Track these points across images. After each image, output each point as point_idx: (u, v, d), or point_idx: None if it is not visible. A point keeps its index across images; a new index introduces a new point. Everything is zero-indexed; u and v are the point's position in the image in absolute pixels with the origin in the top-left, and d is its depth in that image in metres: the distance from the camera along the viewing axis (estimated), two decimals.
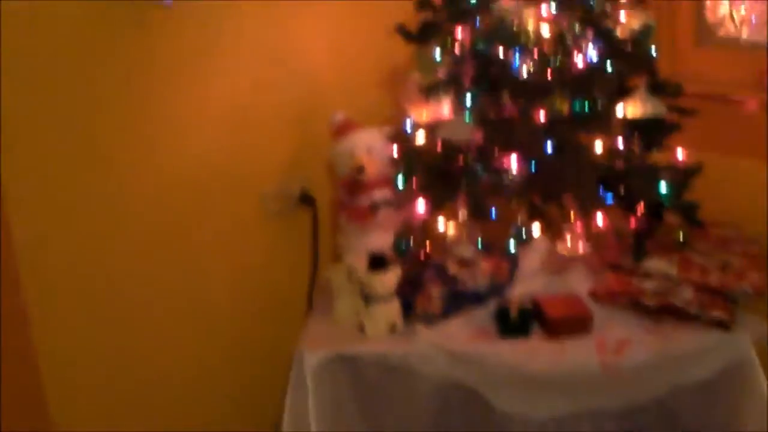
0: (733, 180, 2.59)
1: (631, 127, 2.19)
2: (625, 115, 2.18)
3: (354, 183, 2.49)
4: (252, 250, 2.66)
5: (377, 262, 2.27)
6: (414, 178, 2.28)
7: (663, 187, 2.17)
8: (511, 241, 2.22)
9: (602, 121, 2.18)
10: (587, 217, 2.25)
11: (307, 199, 2.68)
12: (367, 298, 2.28)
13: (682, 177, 2.21)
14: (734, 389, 2.27)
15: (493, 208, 2.23)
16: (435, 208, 2.25)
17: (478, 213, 2.20)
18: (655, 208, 2.22)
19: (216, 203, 2.54)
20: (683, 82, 2.30)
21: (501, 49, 2.19)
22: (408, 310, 2.31)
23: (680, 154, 2.26)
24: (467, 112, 2.21)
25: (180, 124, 2.43)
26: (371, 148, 2.47)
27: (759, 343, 2.25)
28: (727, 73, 2.57)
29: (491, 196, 2.20)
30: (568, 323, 2.25)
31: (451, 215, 2.27)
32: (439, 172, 2.24)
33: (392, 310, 2.28)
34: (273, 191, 2.64)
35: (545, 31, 2.17)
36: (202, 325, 2.59)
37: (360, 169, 2.46)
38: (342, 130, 2.53)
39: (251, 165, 2.59)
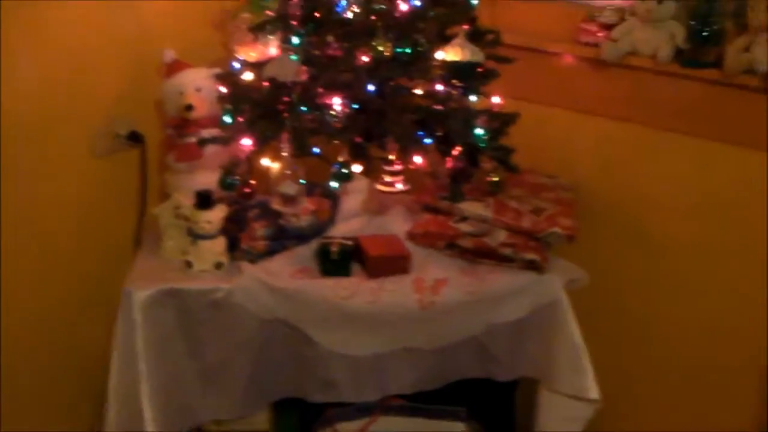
0: (549, 129, 2.71)
1: (450, 71, 2.26)
2: (444, 59, 2.25)
3: (182, 121, 2.50)
4: (81, 189, 2.63)
5: (204, 200, 2.28)
6: (241, 116, 2.30)
7: (479, 131, 2.25)
8: (333, 181, 2.26)
9: (423, 65, 2.24)
10: (406, 158, 2.32)
11: (136, 138, 2.66)
12: (194, 235, 2.29)
13: (499, 122, 2.30)
14: (546, 328, 2.37)
15: (316, 147, 2.27)
16: (260, 145, 2.28)
17: (301, 151, 2.24)
18: (472, 151, 2.30)
19: (44, 142, 2.50)
20: (503, 33, 2.38)
21: None
22: (233, 247, 2.33)
23: (496, 100, 2.36)
24: (293, 52, 2.25)
25: (5, 61, 2.37)
26: (200, 86, 2.48)
27: (569, 285, 2.37)
28: (545, 26, 2.67)
29: (314, 134, 2.24)
30: (387, 262, 2.31)
31: (276, 153, 2.30)
32: (265, 109, 2.27)
33: (218, 247, 2.30)
34: (101, 130, 2.60)
35: None
36: (32, 263, 2.55)
37: (189, 108, 2.46)
38: (172, 69, 2.52)
39: (79, 104, 2.55)
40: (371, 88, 2.21)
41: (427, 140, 2.26)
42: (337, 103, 2.21)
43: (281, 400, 2.46)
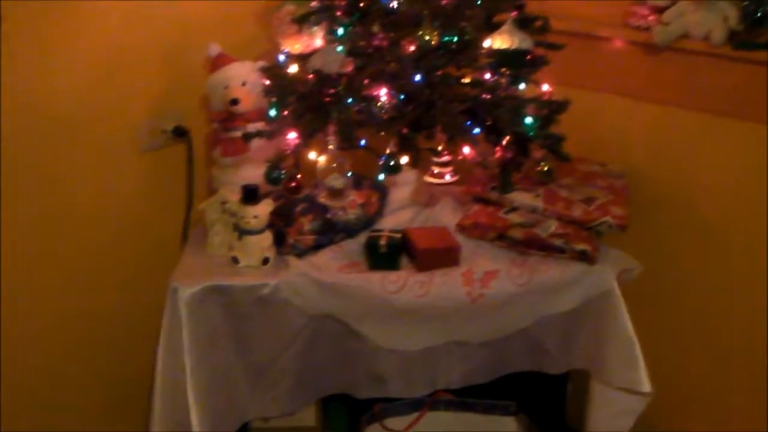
0: (600, 116, 2.67)
1: (498, 59, 2.21)
2: (492, 47, 2.21)
3: (228, 116, 2.48)
4: (127, 186, 2.63)
5: (250, 195, 2.26)
6: (286, 109, 2.28)
7: (528, 120, 2.20)
8: (380, 173, 2.23)
9: (470, 53, 2.20)
10: (455, 148, 2.29)
11: (181, 133, 2.65)
12: (241, 230, 2.27)
13: (548, 110, 2.25)
14: (597, 319, 2.33)
15: (363, 139, 2.24)
16: (306, 138, 2.25)
17: (348, 143, 2.21)
18: (522, 140, 2.26)
19: (90, 138, 2.50)
20: (551, 19, 2.34)
21: None
22: (280, 242, 2.31)
23: (546, 87, 2.31)
24: (339, 43, 2.22)
25: (52, 59, 2.37)
26: (246, 80, 2.46)
27: (621, 276, 2.32)
28: (594, 10, 2.63)
29: (361, 126, 2.21)
30: (436, 255, 2.27)
31: (323, 146, 2.28)
32: (310, 102, 2.25)
33: (264, 242, 2.28)
34: (146, 125, 2.60)
35: None
36: (77, 259, 2.56)
37: (234, 102, 2.44)
38: (217, 63, 2.50)
39: (125, 99, 2.55)
40: (418, 78, 2.18)
41: (476, 130, 2.23)
42: (383, 93, 2.17)
43: (329, 396, 2.44)
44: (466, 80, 2.26)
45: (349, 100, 2.20)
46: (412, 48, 2.18)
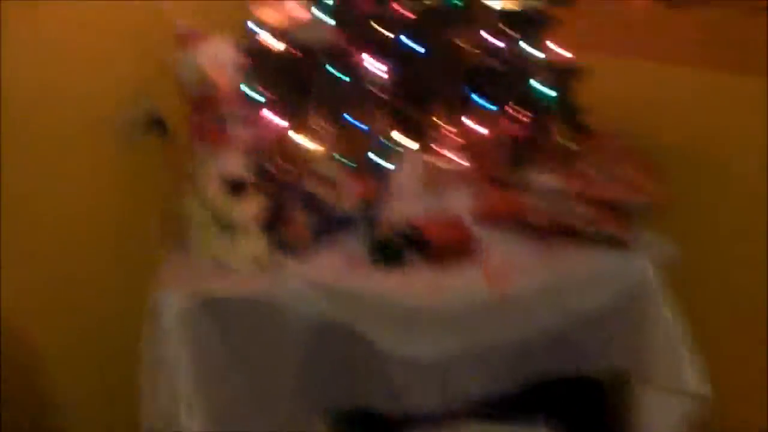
0: (621, 83, 2.40)
1: (505, 20, 2.00)
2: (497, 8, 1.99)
3: (202, 99, 2.23)
4: (100, 187, 2.49)
5: (235, 188, 2.04)
6: (267, 88, 2.06)
7: (540, 88, 1.99)
8: (378, 156, 2.01)
9: (472, 14, 1.98)
10: (459, 123, 2.06)
11: (157, 124, 2.39)
12: (228, 229, 2.05)
13: (563, 77, 2.02)
14: (636, 314, 2.09)
15: (357, 119, 2.02)
16: (294, 121, 2.04)
17: (339, 124, 1.98)
18: (537, 112, 2.04)
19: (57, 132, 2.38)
20: None
21: None
22: (273, 240, 2.09)
23: (559, 51, 2.09)
24: (323, 11, 2.00)
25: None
26: (220, 59, 2.21)
27: (659, 262, 2.08)
28: None
29: (353, 104, 1.99)
30: (449, 248, 2.06)
31: (313, 130, 2.05)
32: (294, 78, 2.02)
33: (256, 241, 2.06)
34: (118, 117, 2.34)
35: None
36: (51, 267, 2.45)
37: (208, 84, 2.20)
38: (186, 41, 2.25)
39: (91, 89, 2.41)
40: (415, 45, 1.95)
41: (485, 103, 1.99)
42: (377, 65, 1.94)
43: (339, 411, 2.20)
44: (468, 44, 2.02)
45: (340, 76, 1.97)
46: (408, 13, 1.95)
